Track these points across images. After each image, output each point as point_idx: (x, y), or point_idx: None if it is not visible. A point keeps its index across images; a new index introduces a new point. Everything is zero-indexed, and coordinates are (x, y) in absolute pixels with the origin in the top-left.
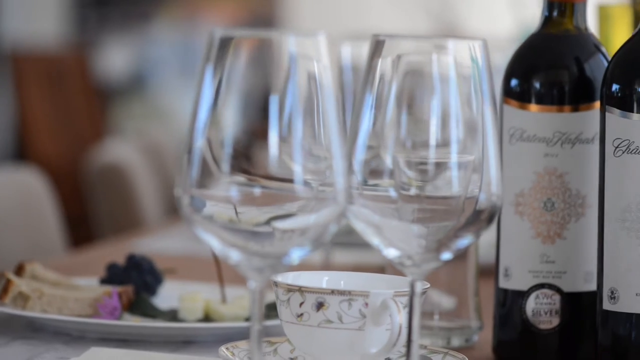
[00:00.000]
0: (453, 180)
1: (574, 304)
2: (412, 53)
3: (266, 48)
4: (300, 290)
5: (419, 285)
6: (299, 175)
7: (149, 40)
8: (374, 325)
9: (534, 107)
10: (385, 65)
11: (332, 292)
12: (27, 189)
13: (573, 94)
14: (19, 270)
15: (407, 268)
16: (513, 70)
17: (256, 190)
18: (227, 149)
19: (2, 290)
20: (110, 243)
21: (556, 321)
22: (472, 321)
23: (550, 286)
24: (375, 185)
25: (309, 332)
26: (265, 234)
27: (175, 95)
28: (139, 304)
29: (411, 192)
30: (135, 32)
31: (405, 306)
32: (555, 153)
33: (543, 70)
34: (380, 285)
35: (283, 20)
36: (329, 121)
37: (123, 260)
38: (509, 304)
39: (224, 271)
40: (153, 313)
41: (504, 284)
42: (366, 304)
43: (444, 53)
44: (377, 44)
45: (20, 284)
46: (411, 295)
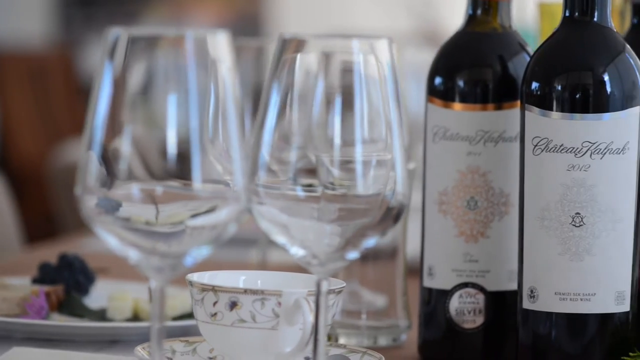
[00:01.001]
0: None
1: (498, 303)
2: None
3: (170, 47)
4: (214, 289)
5: (324, 285)
6: (197, 175)
7: None
8: (287, 324)
9: (457, 106)
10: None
11: (245, 292)
12: None
13: (496, 92)
14: None
15: (313, 267)
16: (437, 69)
17: (157, 189)
18: (126, 147)
19: None
20: (63, 242)
21: (480, 320)
22: (401, 320)
23: (473, 285)
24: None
25: (223, 332)
26: (164, 234)
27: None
28: (69, 304)
29: (318, 191)
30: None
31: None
32: (478, 151)
33: (466, 68)
34: (298, 284)
35: (269, 20)
36: (229, 121)
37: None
38: (434, 303)
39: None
40: (81, 312)
41: (428, 283)
42: (279, 304)
43: (349, 52)
44: (284, 42)
45: None
46: (317, 294)
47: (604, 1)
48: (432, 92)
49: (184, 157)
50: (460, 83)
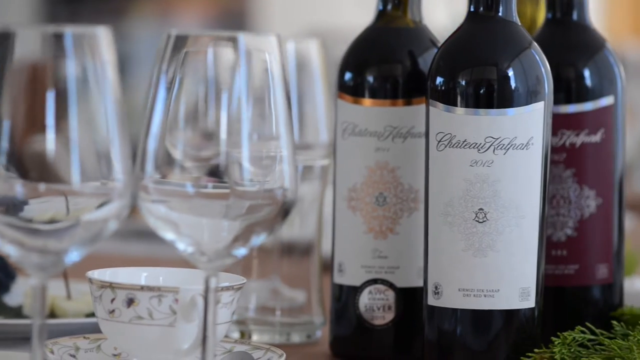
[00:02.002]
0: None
1: (408, 299)
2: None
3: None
4: (111, 286)
5: (213, 281)
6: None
7: (121, 37)
8: (184, 321)
9: (367, 102)
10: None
11: (142, 289)
12: None
13: (406, 88)
14: None
15: (201, 264)
16: (346, 65)
17: (40, 187)
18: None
19: None
20: None
21: (390, 317)
22: (316, 317)
23: (383, 281)
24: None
25: (122, 329)
26: (44, 231)
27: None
28: None
29: (207, 188)
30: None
31: (217, 302)
32: (387, 147)
33: (375, 64)
34: (199, 281)
35: (254, 17)
36: (108, 118)
37: None
38: (344, 299)
39: (69, 267)
40: None
41: (338, 279)
42: (176, 300)
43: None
44: (170, 39)
45: None
46: (206, 291)
47: None
48: (342, 88)
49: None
50: (370, 79)
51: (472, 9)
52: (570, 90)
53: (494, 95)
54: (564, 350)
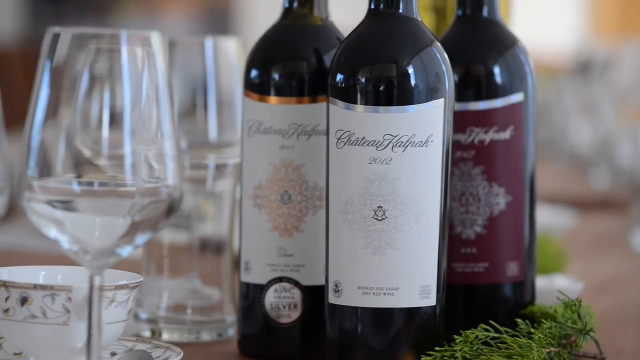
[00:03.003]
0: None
1: (314, 298)
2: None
3: None
4: (5, 285)
5: (97, 280)
6: None
7: None
8: (78, 319)
9: (272, 99)
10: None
11: (35, 287)
12: None
13: (311, 85)
14: None
15: (85, 262)
16: (252, 63)
17: None
18: None
19: None
20: None
21: (295, 315)
22: (227, 315)
23: (288, 280)
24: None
25: (16, 328)
26: None
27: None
28: None
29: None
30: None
31: (112, 300)
32: (292, 145)
33: (280, 61)
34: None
35: (238, 15)
36: None
37: None
38: (251, 298)
39: None
40: None
41: (245, 277)
42: (69, 299)
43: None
44: (52, 37)
45: None
46: (89, 289)
47: None
48: (248, 86)
49: None
50: (275, 76)
51: (373, 6)
52: (480, 87)
53: (394, 93)
54: (466, 349)
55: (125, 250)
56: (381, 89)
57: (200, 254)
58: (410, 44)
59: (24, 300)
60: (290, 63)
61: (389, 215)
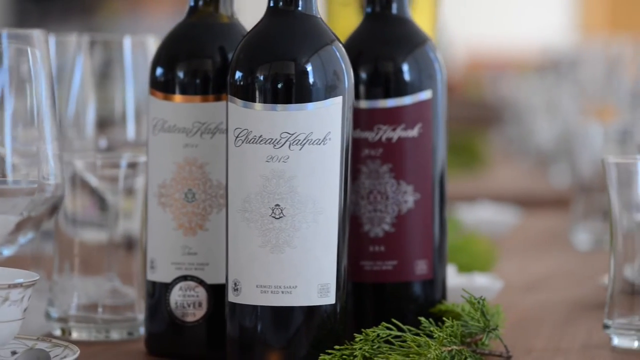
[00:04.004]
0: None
1: (218, 296)
2: None
3: None
4: None
5: None
6: None
7: None
8: None
9: (176, 98)
10: None
11: None
12: None
13: (215, 83)
14: None
15: None
16: (157, 61)
17: None
18: None
19: None
20: None
21: (200, 313)
22: (139, 314)
23: (193, 278)
24: None
25: None
26: None
27: None
28: None
29: None
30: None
31: (5, 299)
32: (195, 143)
33: (185, 59)
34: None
35: None
36: None
37: None
38: (157, 296)
39: None
40: None
41: (151, 276)
42: None
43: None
44: None
45: None
46: None
47: None
48: (153, 85)
49: None
50: (179, 74)
51: (272, 4)
52: (388, 84)
53: (292, 90)
54: (366, 347)
55: (7, 250)
56: (279, 86)
57: (114, 253)
58: (309, 41)
59: None
60: (194, 61)
61: (286, 214)
